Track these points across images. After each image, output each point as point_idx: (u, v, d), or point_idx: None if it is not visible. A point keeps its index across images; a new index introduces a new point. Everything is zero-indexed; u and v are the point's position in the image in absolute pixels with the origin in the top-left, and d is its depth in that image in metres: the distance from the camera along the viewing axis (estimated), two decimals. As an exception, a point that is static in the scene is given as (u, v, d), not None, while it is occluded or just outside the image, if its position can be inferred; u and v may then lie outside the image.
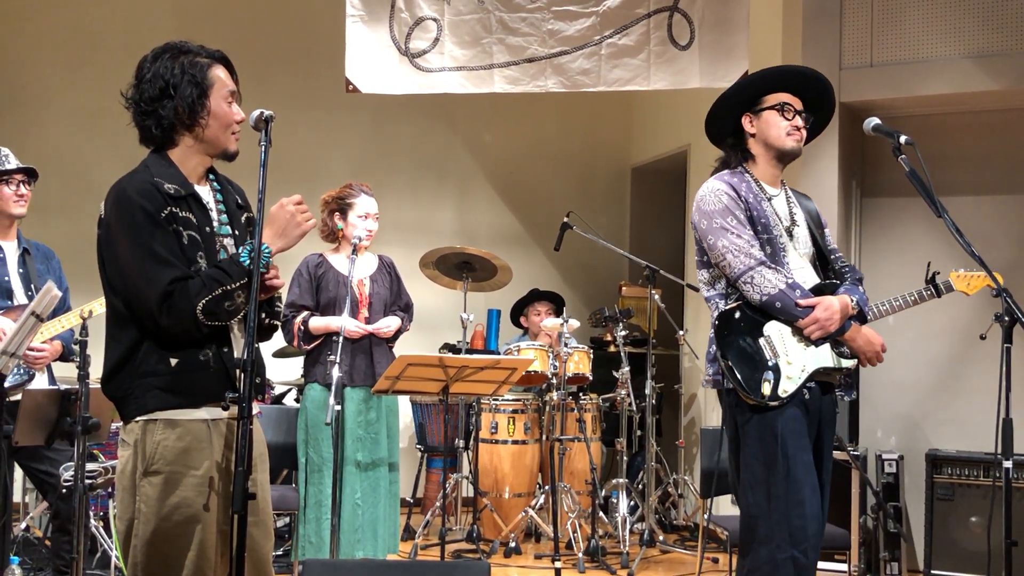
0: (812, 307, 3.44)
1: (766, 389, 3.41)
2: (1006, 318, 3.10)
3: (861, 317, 3.55)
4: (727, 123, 3.71)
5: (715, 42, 5.74)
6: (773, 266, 3.48)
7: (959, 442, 5.49)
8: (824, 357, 3.50)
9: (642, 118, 8.68)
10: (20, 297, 4.72)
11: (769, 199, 3.62)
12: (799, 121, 3.61)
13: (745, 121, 3.67)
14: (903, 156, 3.33)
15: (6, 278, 4.71)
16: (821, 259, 3.70)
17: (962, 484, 5.34)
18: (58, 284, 4.82)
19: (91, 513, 4.92)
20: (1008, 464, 3.09)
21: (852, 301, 3.52)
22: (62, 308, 4.71)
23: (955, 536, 5.34)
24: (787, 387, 3.43)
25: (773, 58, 6.11)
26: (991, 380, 3.22)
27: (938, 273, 3.68)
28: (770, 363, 3.45)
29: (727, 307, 3.56)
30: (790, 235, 3.61)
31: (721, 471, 4.89)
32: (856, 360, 3.55)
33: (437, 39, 5.84)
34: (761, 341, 3.48)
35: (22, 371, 4.62)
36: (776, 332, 3.49)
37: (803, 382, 3.45)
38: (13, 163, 4.76)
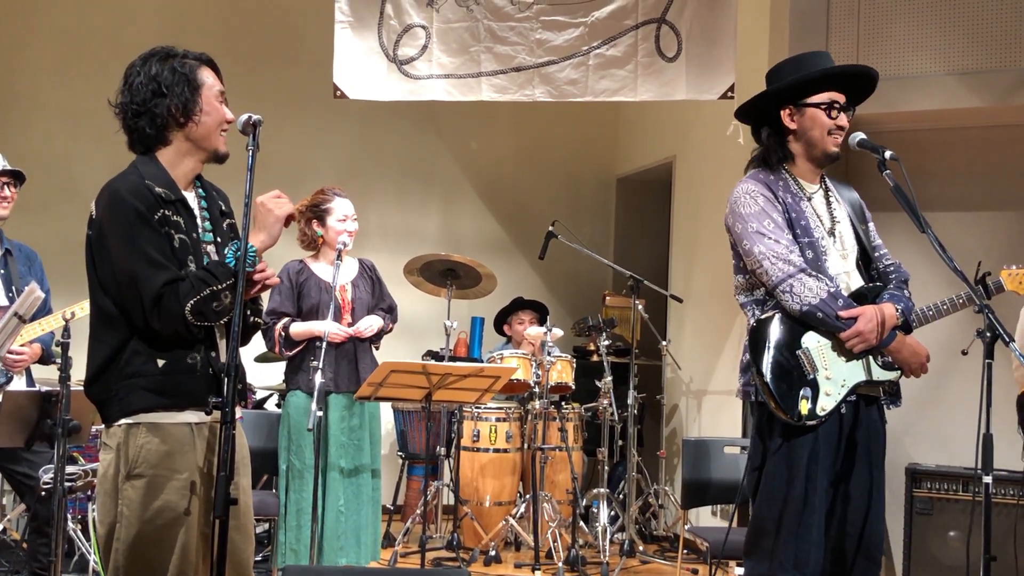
0: (855, 318, 3.26)
1: (804, 407, 3.24)
2: (987, 334, 3.10)
3: (906, 326, 3.36)
4: (763, 112, 3.47)
5: (702, 55, 5.76)
6: (814, 274, 3.30)
7: (939, 457, 5.50)
8: (862, 370, 3.34)
9: (628, 129, 8.70)
10: (1, 299, 4.69)
11: (809, 198, 3.43)
12: (844, 120, 3.39)
13: (784, 115, 3.41)
14: (888, 171, 3.31)
15: None
16: (866, 258, 3.48)
17: (941, 499, 5.35)
18: (40, 287, 4.80)
19: (69, 516, 4.89)
20: (988, 479, 3.09)
21: (897, 310, 3.31)
22: (43, 311, 4.69)
23: (934, 550, 5.35)
24: (825, 404, 3.27)
25: (760, 72, 6.10)
26: (972, 395, 3.21)
27: (988, 274, 3.47)
28: (808, 378, 3.28)
29: (764, 316, 3.37)
30: (832, 236, 3.41)
31: (703, 482, 4.90)
32: (899, 372, 3.38)
33: (425, 46, 5.84)
34: (799, 353, 3.30)
35: (1, 373, 4.60)
36: (815, 344, 3.32)
37: (843, 398, 3.29)
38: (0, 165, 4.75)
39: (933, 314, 3.49)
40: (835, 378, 3.30)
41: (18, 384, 4.67)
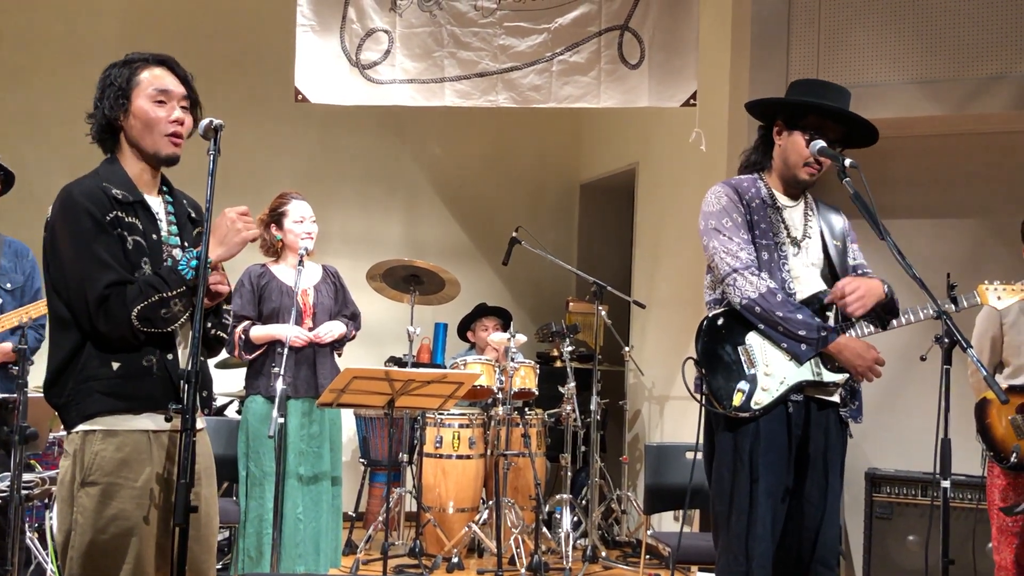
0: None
1: (737, 400, 3.33)
2: (946, 340, 3.13)
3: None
4: (766, 116, 3.60)
5: (665, 62, 5.79)
6: (758, 272, 3.41)
7: (898, 461, 5.56)
8: (808, 370, 3.40)
9: (591, 135, 8.73)
10: None
11: (779, 209, 3.54)
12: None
13: (776, 128, 3.55)
14: (847, 179, 3.35)
15: None
16: (835, 274, 3.55)
17: (900, 503, 5.41)
18: (29, 282, 4.84)
19: (26, 524, 4.82)
20: (946, 484, 3.12)
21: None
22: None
23: (893, 554, 5.40)
24: (761, 399, 3.34)
25: (722, 79, 6.18)
26: (930, 401, 3.25)
27: (955, 286, 3.49)
28: (748, 373, 3.37)
29: (713, 313, 3.50)
30: (797, 245, 3.52)
31: (665, 487, 4.92)
32: (846, 374, 3.42)
33: (388, 51, 5.83)
34: (740, 350, 3.41)
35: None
36: (758, 342, 3.41)
37: (781, 395, 3.36)
38: None
39: (896, 323, 3.51)
40: (774, 375, 3.38)
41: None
